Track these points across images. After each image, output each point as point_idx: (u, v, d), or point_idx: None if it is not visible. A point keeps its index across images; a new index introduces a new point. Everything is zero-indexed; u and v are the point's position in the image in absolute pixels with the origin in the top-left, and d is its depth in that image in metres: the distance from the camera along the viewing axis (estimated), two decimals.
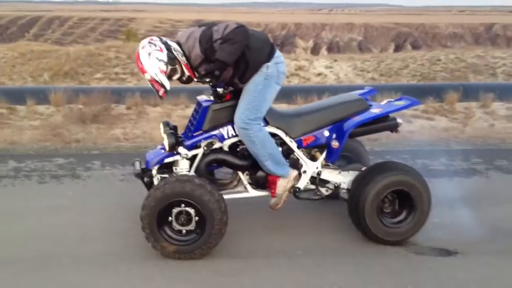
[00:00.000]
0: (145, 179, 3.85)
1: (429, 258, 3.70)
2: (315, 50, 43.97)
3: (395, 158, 4.09)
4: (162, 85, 3.56)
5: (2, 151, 6.53)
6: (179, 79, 3.69)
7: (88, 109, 8.52)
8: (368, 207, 3.71)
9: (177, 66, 3.59)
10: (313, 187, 3.98)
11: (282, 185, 3.80)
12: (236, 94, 3.77)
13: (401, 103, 3.99)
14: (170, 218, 3.56)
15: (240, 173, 3.90)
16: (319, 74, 15.41)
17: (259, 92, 3.65)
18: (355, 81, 14.59)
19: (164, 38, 3.64)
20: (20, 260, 3.64)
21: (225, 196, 3.72)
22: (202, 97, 3.93)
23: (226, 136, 3.79)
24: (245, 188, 3.92)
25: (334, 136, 3.88)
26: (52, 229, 4.14)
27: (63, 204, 4.67)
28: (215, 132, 3.78)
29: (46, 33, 39.27)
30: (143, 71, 3.56)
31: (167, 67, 3.54)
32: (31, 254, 3.73)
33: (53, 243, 3.92)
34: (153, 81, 3.55)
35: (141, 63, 3.53)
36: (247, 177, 3.92)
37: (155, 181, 3.78)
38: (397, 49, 42.69)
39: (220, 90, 3.72)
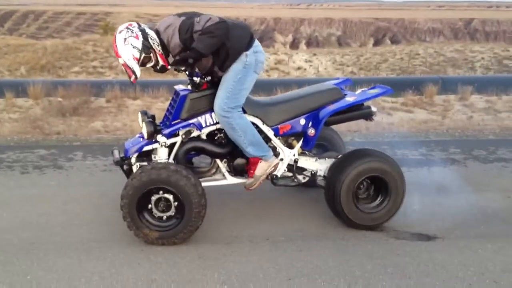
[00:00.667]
0: (124, 167, 3.89)
1: (408, 242, 3.79)
2: (294, 45, 44.10)
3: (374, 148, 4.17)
4: (133, 72, 3.60)
5: None
6: (153, 67, 3.73)
7: (67, 102, 8.50)
8: (344, 193, 3.83)
9: (151, 54, 3.63)
10: (290, 174, 4.06)
11: (263, 168, 3.88)
12: (214, 84, 3.81)
13: (375, 91, 4.10)
14: (150, 205, 3.62)
15: (218, 161, 3.96)
16: (298, 68, 15.52)
17: (238, 80, 3.70)
18: (335, 75, 14.73)
19: (142, 25, 3.67)
20: (6, 246, 3.65)
21: (204, 184, 3.77)
22: (179, 86, 3.97)
23: (204, 125, 3.84)
24: (223, 175, 3.98)
25: (310, 124, 3.98)
26: (37, 217, 4.16)
27: (47, 193, 4.68)
28: (193, 120, 3.82)
29: (21, 27, 38.74)
30: (117, 55, 3.61)
31: (140, 55, 3.58)
32: (16, 241, 3.74)
33: (38, 230, 3.93)
34: (125, 66, 3.61)
35: (116, 46, 3.58)
36: (225, 164, 3.98)
37: (134, 169, 3.82)
38: (376, 44, 43.06)
39: (197, 79, 3.76)
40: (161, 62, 3.69)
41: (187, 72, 3.74)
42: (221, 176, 4.00)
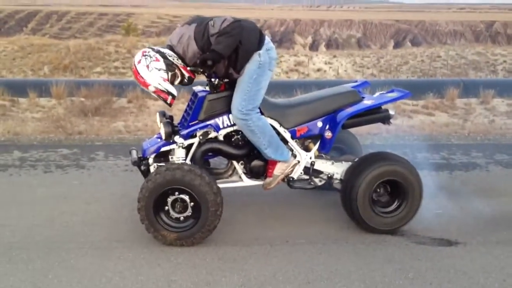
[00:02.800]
0: (142, 167, 3.93)
1: (429, 248, 3.76)
2: (313, 47, 43.95)
3: (395, 152, 4.14)
4: (169, 93, 3.65)
5: (7, 141, 6.60)
6: (181, 82, 3.75)
7: (89, 102, 8.58)
8: (360, 197, 3.82)
9: (176, 70, 3.66)
10: (306, 177, 4.06)
11: (281, 168, 3.91)
12: (231, 85, 3.83)
13: (393, 95, 4.09)
14: (166, 207, 3.66)
15: (235, 163, 3.98)
16: (318, 70, 15.45)
17: (254, 81, 3.71)
18: (354, 77, 14.62)
19: (156, 47, 3.71)
20: (28, 245, 3.71)
21: (220, 185, 3.81)
22: (198, 88, 4.01)
23: (221, 126, 3.86)
24: (240, 177, 4.00)
25: (327, 127, 3.97)
26: (59, 216, 4.22)
27: (69, 192, 4.74)
28: (211, 122, 3.84)
29: (44, 28, 39.23)
30: (145, 85, 3.62)
31: (167, 74, 3.62)
32: (39, 239, 3.81)
33: (61, 229, 3.99)
34: (158, 91, 3.64)
35: (141, 77, 3.59)
36: (242, 166, 4.00)
37: (152, 170, 3.86)
38: (397, 46, 42.69)
39: (215, 80, 3.79)
40: (186, 75, 3.73)
41: (205, 74, 3.78)
42: (237, 177, 4.02)
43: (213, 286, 3.22)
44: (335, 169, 4.09)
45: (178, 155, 3.89)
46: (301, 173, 4.05)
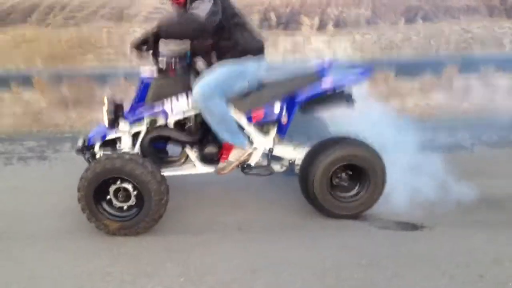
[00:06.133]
0: (86, 156, 3.78)
1: (392, 232, 3.56)
2: (321, 27, 43.34)
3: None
4: None
5: None
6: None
7: (72, 94, 8.38)
8: (317, 182, 3.62)
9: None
10: (265, 163, 3.82)
11: (237, 155, 3.68)
12: (182, 71, 3.64)
13: (353, 76, 3.76)
14: (108, 196, 3.50)
15: (187, 149, 3.77)
16: (315, 51, 15.04)
17: (231, 78, 3.56)
18: (353, 56, 14.22)
19: None
20: None
21: (174, 173, 3.75)
22: (144, 69, 3.69)
23: (170, 112, 3.65)
24: (194, 164, 3.79)
25: (284, 111, 3.71)
26: (12, 208, 4.10)
27: (26, 184, 4.61)
28: (159, 108, 3.64)
29: (48, 18, 39.01)
30: None
31: None
32: None
33: (11, 221, 3.87)
34: None
35: None
36: (195, 153, 3.78)
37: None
38: (407, 23, 41.92)
39: (163, 63, 3.55)
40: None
41: (153, 54, 3.54)
42: (191, 165, 3.81)
43: (152, 277, 3.04)
44: (296, 154, 3.84)
45: (125, 143, 3.71)
46: (260, 159, 3.82)
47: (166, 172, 3.72)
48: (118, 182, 3.46)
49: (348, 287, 2.90)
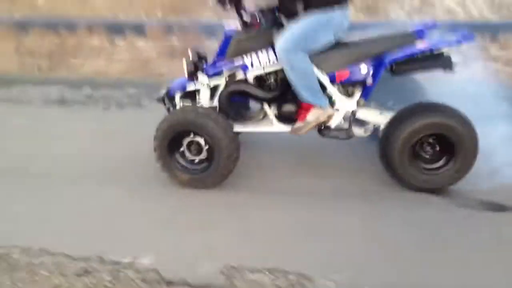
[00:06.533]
0: (167, 106, 3.86)
1: (473, 212, 3.24)
2: None
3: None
4: None
5: (86, 79, 6.81)
6: None
7: (181, 44, 8.60)
8: (398, 150, 3.35)
9: None
10: (346, 126, 3.63)
11: (315, 115, 3.52)
12: (266, 24, 3.54)
13: (451, 38, 3.40)
14: (182, 148, 3.57)
15: (265, 106, 3.69)
16: (448, 11, 14.01)
17: (315, 30, 3.37)
18: (490, 18, 13.08)
19: None
20: (59, 175, 3.91)
21: (250, 129, 3.74)
22: (228, 23, 3.68)
23: (250, 67, 3.56)
24: (271, 121, 3.71)
25: (371, 72, 3.46)
26: (101, 152, 4.33)
27: (120, 130, 4.80)
28: (239, 62, 3.57)
29: None
30: None
31: None
32: (68, 171, 3.98)
33: (99, 163, 4.10)
34: None
35: None
36: (274, 111, 3.68)
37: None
38: None
39: (247, 18, 3.48)
40: None
41: (236, 8, 3.47)
42: (269, 122, 3.74)
43: (210, 230, 3.11)
44: (383, 119, 3.60)
45: (204, 96, 3.74)
46: (341, 122, 3.65)
47: (241, 128, 3.72)
48: (191, 135, 3.50)
49: (415, 266, 2.73)
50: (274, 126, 3.71)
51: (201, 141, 3.52)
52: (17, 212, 3.37)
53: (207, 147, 3.52)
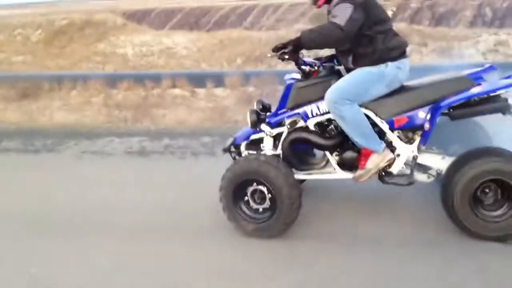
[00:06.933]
0: (232, 155, 4.05)
1: None
2: None
3: None
4: None
5: (168, 130, 7.19)
6: None
7: (257, 92, 8.89)
8: (458, 196, 3.32)
9: None
10: (408, 172, 3.62)
11: (375, 161, 3.56)
12: (325, 72, 3.71)
13: (508, 81, 3.38)
14: (246, 197, 3.70)
15: (327, 153, 3.76)
16: None
17: (365, 82, 3.48)
18: None
19: None
20: (129, 226, 4.11)
21: (314, 177, 3.81)
22: (289, 75, 3.86)
23: (310, 115, 3.68)
24: (334, 168, 3.76)
25: (428, 117, 3.47)
26: (173, 202, 4.51)
27: (192, 180, 4.99)
28: (299, 110, 3.70)
29: (261, 20, 41.44)
30: None
31: None
32: (140, 223, 4.16)
33: (173, 214, 4.26)
34: None
35: None
36: (336, 157, 3.75)
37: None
38: None
39: (306, 68, 3.64)
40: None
41: (295, 62, 3.64)
42: (332, 169, 3.80)
43: (274, 281, 3.19)
44: (445, 164, 3.58)
45: (267, 144, 3.87)
46: (403, 167, 3.66)
47: (304, 175, 3.84)
48: (255, 183, 3.64)
49: None
50: (337, 173, 3.76)
51: (264, 189, 3.61)
52: (100, 262, 3.60)
53: (269, 195, 3.61)
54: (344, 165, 3.73)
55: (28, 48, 23.03)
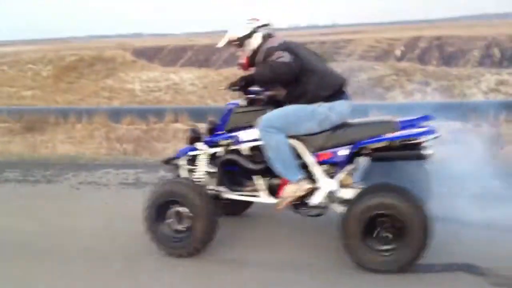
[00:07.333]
0: (170, 167, 4.37)
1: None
2: None
3: None
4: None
5: None
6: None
7: None
8: (350, 228, 3.49)
9: (243, 47, 3.97)
10: (324, 204, 3.81)
11: (290, 191, 3.77)
12: (267, 103, 3.97)
13: (422, 129, 3.57)
14: (167, 217, 3.96)
15: (255, 178, 3.97)
16: None
17: (298, 117, 3.71)
18: None
19: (269, 28, 4.01)
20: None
21: (243, 198, 4.10)
22: (235, 100, 4.14)
23: (243, 139, 3.92)
24: (261, 193, 4.00)
25: (348, 155, 3.68)
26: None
27: None
28: (234, 133, 3.95)
29: None
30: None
31: (237, 38, 3.94)
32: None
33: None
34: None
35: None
36: (263, 183, 3.96)
37: (180, 171, 4.26)
38: None
39: (252, 96, 4.02)
40: (241, 60, 4.00)
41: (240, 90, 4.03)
42: (260, 193, 4.01)
43: None
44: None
45: (201, 162, 4.12)
46: (324, 200, 3.80)
47: (234, 195, 4.11)
48: (177, 204, 3.90)
49: None
50: (262, 197, 3.98)
51: (184, 210, 3.86)
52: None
53: (188, 215, 3.85)
54: (271, 191, 3.94)
55: (38, 83, 23.50)
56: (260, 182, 3.97)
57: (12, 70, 25.79)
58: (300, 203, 3.85)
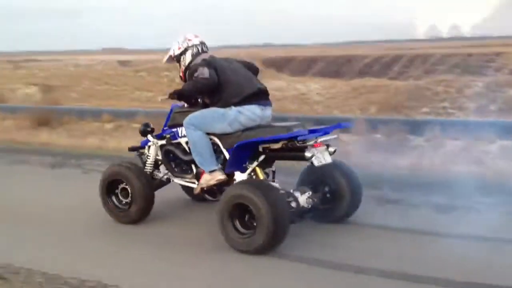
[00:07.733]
0: (135, 154, 5.40)
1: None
2: None
3: None
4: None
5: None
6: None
7: (383, 139, 8.39)
8: (219, 214, 4.23)
9: (179, 63, 4.88)
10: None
11: (206, 179, 4.59)
12: (202, 106, 4.78)
13: (305, 132, 4.25)
14: (115, 193, 5.08)
15: (193, 166, 4.76)
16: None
17: (213, 118, 4.51)
18: None
19: (200, 46, 4.85)
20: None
21: (180, 182, 5.11)
22: (179, 103, 5.02)
23: (179, 135, 4.84)
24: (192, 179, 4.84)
25: (251, 151, 4.48)
26: None
27: None
28: (173, 129, 4.91)
29: (408, 70, 40.39)
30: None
31: (174, 55, 4.90)
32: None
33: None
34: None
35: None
36: (195, 171, 4.79)
37: (143, 156, 5.27)
38: None
39: (191, 100, 4.92)
40: (180, 74, 4.92)
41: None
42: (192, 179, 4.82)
43: None
44: None
45: (151, 151, 5.13)
46: None
47: (176, 180, 5.07)
48: (123, 183, 4.98)
49: None
50: (195, 183, 4.78)
51: (128, 187, 4.88)
52: None
53: (131, 191, 4.85)
54: (197, 178, 4.74)
55: (172, 89, 24.41)
56: (195, 170, 4.76)
57: (150, 76, 27.38)
58: (217, 189, 4.63)
